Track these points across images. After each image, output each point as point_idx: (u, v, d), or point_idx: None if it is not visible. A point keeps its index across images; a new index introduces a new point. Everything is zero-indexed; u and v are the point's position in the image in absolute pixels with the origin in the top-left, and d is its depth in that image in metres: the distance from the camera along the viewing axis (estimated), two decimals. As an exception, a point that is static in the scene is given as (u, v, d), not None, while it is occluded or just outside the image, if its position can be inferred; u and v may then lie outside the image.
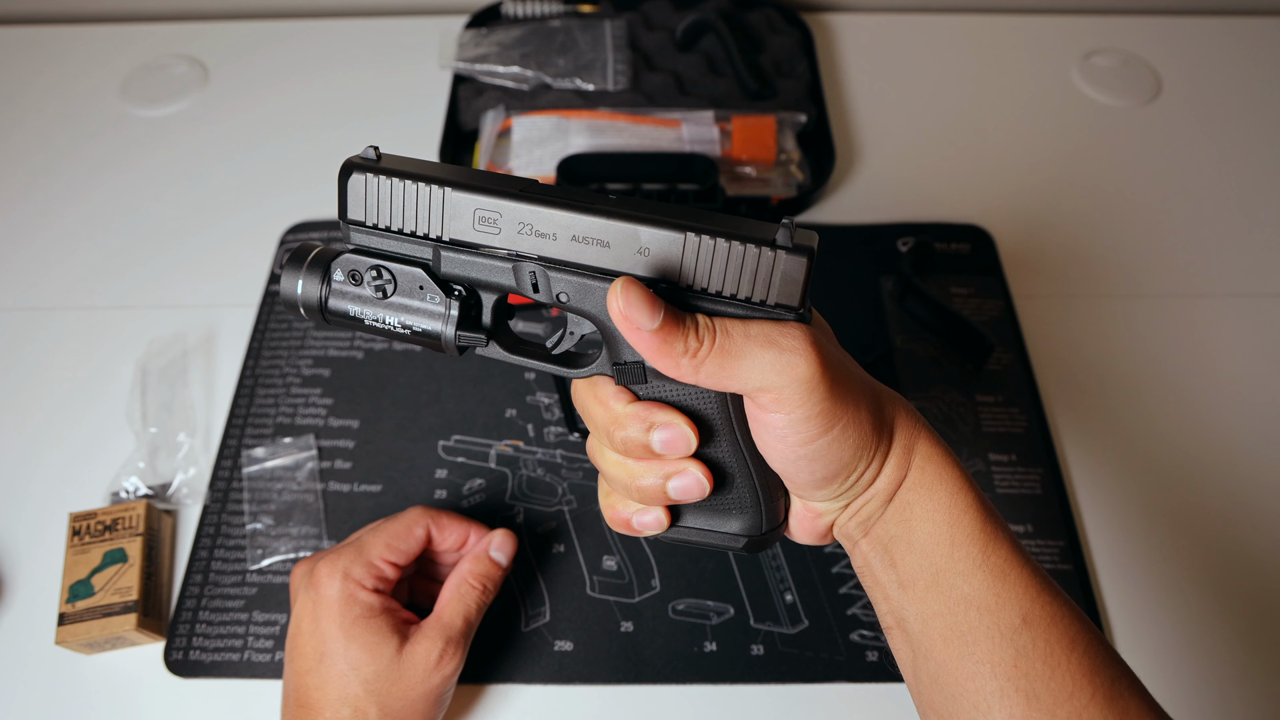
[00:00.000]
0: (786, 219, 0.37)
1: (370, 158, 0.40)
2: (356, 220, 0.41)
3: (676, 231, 0.37)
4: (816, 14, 1.07)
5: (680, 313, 0.36)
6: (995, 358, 0.75)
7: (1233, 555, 0.66)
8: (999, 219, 0.85)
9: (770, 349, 0.36)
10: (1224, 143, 0.93)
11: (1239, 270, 0.83)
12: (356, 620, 0.52)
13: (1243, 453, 0.71)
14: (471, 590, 0.56)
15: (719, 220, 0.38)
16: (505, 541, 0.59)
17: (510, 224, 0.39)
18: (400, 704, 0.51)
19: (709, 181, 0.81)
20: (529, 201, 0.38)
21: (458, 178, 0.40)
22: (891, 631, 0.42)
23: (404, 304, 0.41)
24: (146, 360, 0.74)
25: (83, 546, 0.62)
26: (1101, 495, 0.69)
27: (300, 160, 0.91)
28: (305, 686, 0.51)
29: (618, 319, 0.36)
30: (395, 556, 0.55)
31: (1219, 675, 0.61)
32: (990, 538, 0.39)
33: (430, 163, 0.41)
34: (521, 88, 0.92)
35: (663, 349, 0.36)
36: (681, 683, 0.60)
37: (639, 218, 0.38)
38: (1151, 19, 1.06)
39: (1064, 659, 0.37)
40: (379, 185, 0.40)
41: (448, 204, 0.39)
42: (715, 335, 0.36)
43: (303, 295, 0.42)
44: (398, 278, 0.41)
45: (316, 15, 1.06)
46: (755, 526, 0.43)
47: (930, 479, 0.40)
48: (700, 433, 0.40)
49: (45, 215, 0.86)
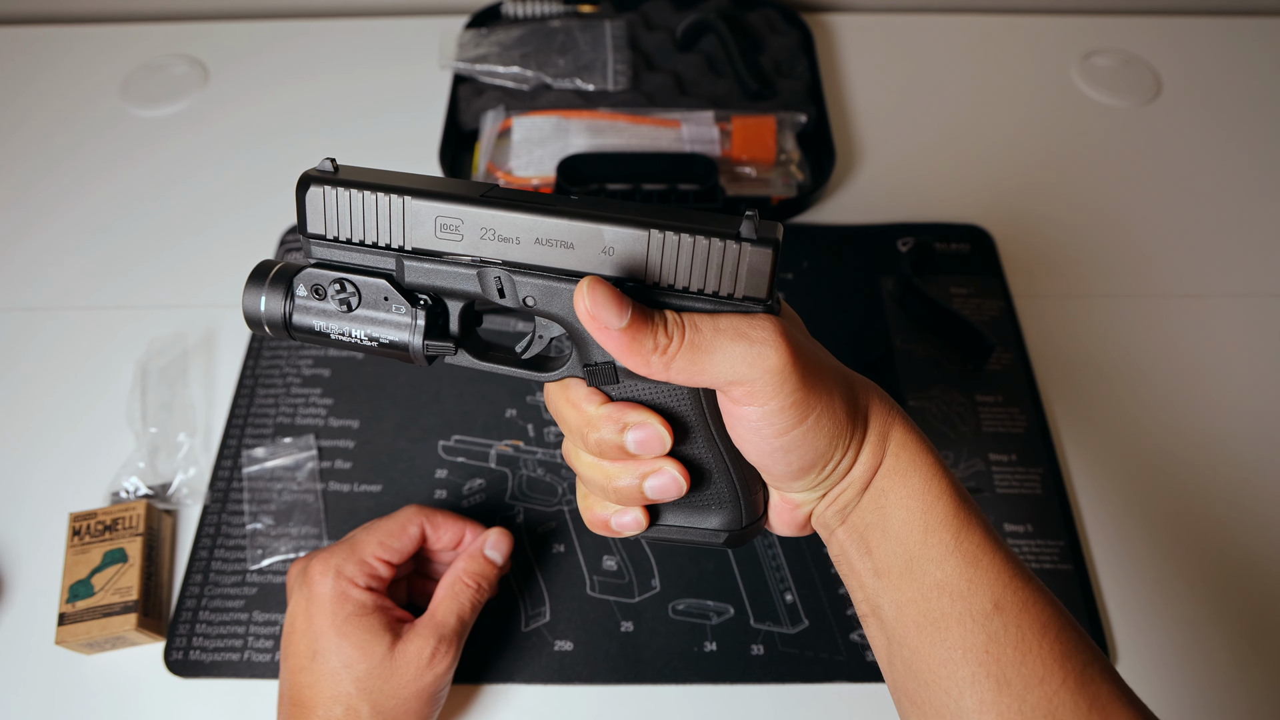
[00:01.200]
0: (749, 210, 0.37)
1: (327, 170, 0.40)
2: (316, 234, 0.40)
3: (640, 229, 0.37)
4: (816, 14, 1.07)
5: (648, 310, 0.36)
6: (995, 358, 0.75)
7: (1232, 554, 0.66)
8: (999, 219, 0.85)
9: (740, 342, 0.36)
10: (1224, 143, 0.93)
11: (1238, 270, 0.83)
12: (349, 618, 0.52)
13: (1243, 452, 0.71)
14: (466, 589, 0.56)
15: (683, 216, 0.38)
16: (501, 540, 0.59)
17: (472, 230, 0.39)
18: (393, 702, 0.51)
19: (709, 182, 0.82)
20: (490, 206, 0.38)
21: (417, 185, 0.39)
22: (867, 619, 0.42)
23: (369, 316, 0.41)
24: (146, 360, 0.74)
25: (83, 546, 0.62)
26: (1101, 495, 0.69)
27: (300, 160, 0.90)
28: (298, 685, 0.51)
29: (585, 319, 0.36)
30: (388, 555, 0.55)
31: (1219, 674, 0.61)
32: (963, 524, 0.39)
33: (390, 172, 0.41)
34: (521, 88, 0.92)
35: (632, 347, 0.36)
36: (681, 683, 0.60)
37: (602, 217, 0.37)
38: (1151, 19, 1.06)
39: (1035, 644, 0.37)
40: (337, 197, 0.39)
41: (408, 213, 0.39)
42: (684, 331, 0.36)
43: (266, 312, 0.41)
44: (361, 290, 0.40)
45: (316, 15, 1.06)
46: (735, 521, 0.43)
47: (904, 465, 0.40)
48: (675, 431, 0.40)
49: (45, 215, 0.86)
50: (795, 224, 0.85)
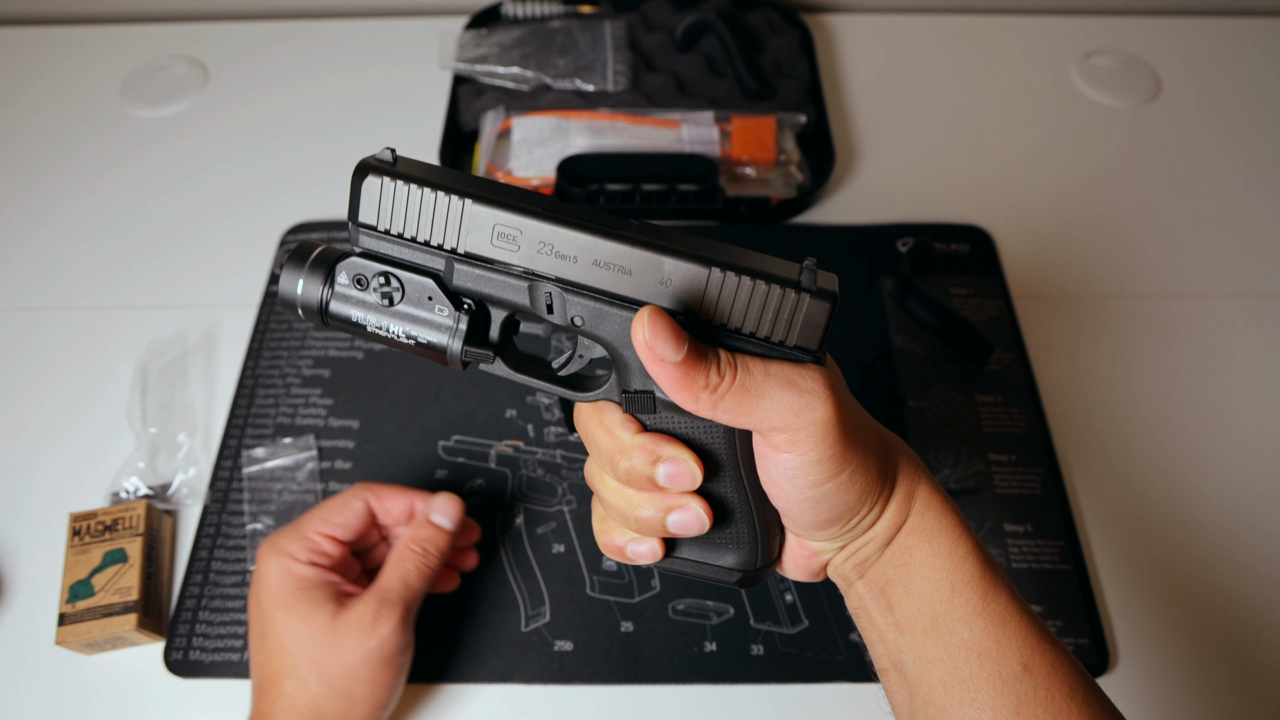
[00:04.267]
0: (809, 260, 0.36)
1: (386, 159, 0.39)
2: (367, 224, 0.39)
3: (701, 266, 0.36)
4: (816, 14, 1.07)
5: (703, 346, 0.36)
6: (995, 358, 0.75)
7: (1232, 554, 0.66)
8: (999, 219, 0.85)
9: (790, 390, 0.36)
10: (1224, 143, 0.93)
11: (1239, 270, 0.83)
12: (293, 593, 0.52)
13: (1243, 452, 0.71)
14: (411, 554, 0.56)
15: (742, 256, 0.37)
16: (448, 505, 0.58)
17: (530, 242, 0.38)
18: (339, 670, 0.51)
19: (709, 182, 0.81)
20: (552, 221, 0.37)
21: (479, 190, 0.38)
22: (887, 674, 0.42)
23: (410, 314, 0.40)
24: (146, 360, 0.74)
25: (83, 547, 0.62)
26: (1101, 495, 0.69)
27: (300, 160, 0.91)
28: (256, 665, 0.52)
29: (641, 348, 0.35)
30: (331, 529, 0.55)
31: (1218, 674, 0.61)
32: (990, 585, 0.39)
33: (448, 170, 0.40)
34: (521, 88, 0.92)
35: (684, 382, 0.36)
36: (681, 683, 0.60)
37: (664, 248, 0.36)
38: (1151, 19, 1.06)
39: (1065, 706, 0.38)
40: (395, 190, 0.38)
41: (466, 216, 0.38)
42: (736, 372, 0.36)
43: (303, 296, 0.40)
44: (406, 286, 0.39)
45: (316, 15, 1.06)
46: (750, 562, 0.43)
47: (930, 525, 0.40)
48: (705, 467, 0.39)
49: (45, 215, 0.86)
50: (795, 224, 0.85)
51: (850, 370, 0.74)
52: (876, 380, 0.74)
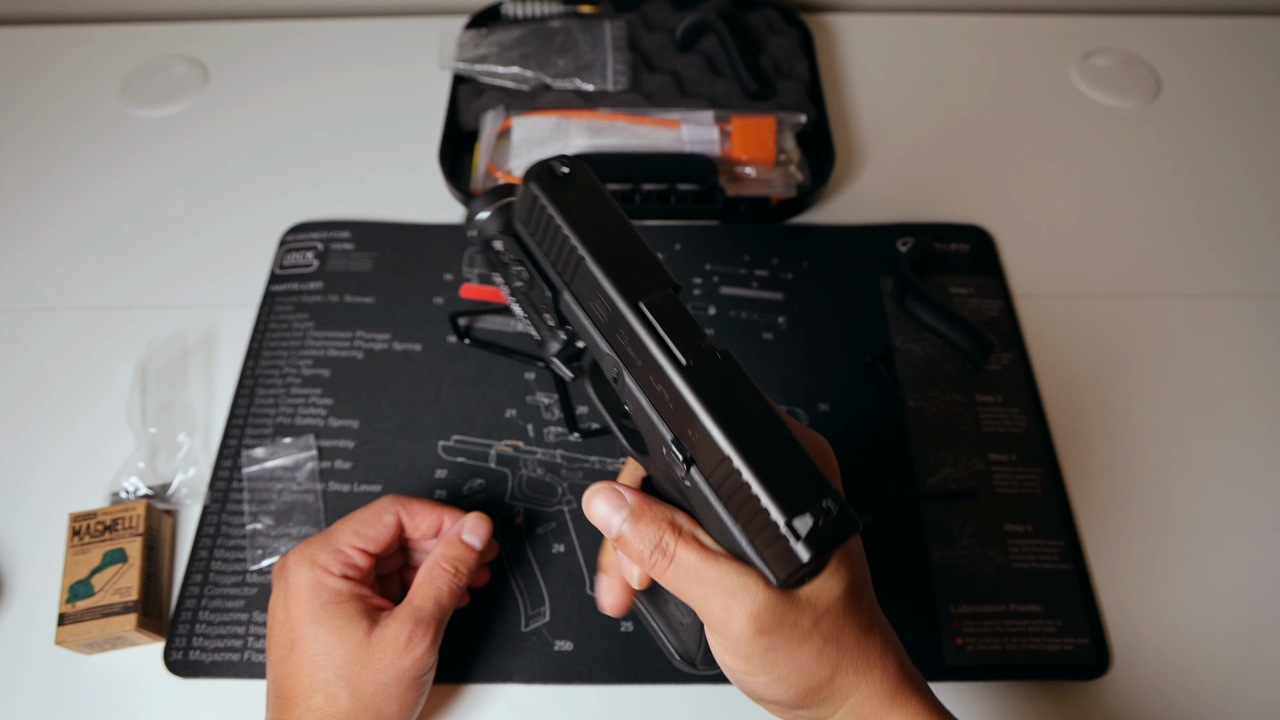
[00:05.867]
0: (830, 500, 0.34)
1: (559, 172, 0.39)
2: (523, 219, 0.41)
3: (727, 442, 0.35)
4: (816, 14, 1.07)
5: (656, 524, 0.40)
6: (995, 358, 0.75)
7: (1232, 554, 0.66)
8: (999, 219, 0.85)
9: (719, 594, 0.39)
10: (1224, 143, 0.93)
11: (1239, 270, 0.83)
12: (325, 606, 0.52)
13: (1242, 453, 0.71)
14: (443, 573, 0.55)
15: (775, 455, 0.35)
16: (479, 525, 0.58)
17: (613, 327, 0.39)
18: (371, 688, 0.51)
19: (709, 182, 0.81)
20: (643, 323, 0.37)
21: (608, 248, 0.38)
22: None
23: (530, 303, 0.45)
24: (146, 360, 0.74)
25: (83, 547, 0.62)
26: (1101, 495, 0.69)
27: (300, 160, 0.91)
28: (280, 676, 0.52)
29: (588, 516, 0.41)
30: (363, 543, 0.55)
31: (1217, 674, 0.61)
32: None
33: (601, 209, 0.39)
34: (521, 88, 0.92)
35: (622, 549, 0.41)
36: (681, 683, 0.60)
37: (711, 407, 0.35)
38: (1151, 19, 1.06)
39: None
40: (544, 209, 0.38)
41: (580, 272, 0.38)
42: (671, 561, 0.40)
43: (483, 225, 0.44)
44: (533, 285, 0.42)
45: (316, 15, 1.06)
46: (689, 658, 0.48)
47: None
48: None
49: (45, 215, 0.86)
50: (795, 224, 0.85)
51: (850, 370, 0.74)
52: (876, 380, 0.74)
